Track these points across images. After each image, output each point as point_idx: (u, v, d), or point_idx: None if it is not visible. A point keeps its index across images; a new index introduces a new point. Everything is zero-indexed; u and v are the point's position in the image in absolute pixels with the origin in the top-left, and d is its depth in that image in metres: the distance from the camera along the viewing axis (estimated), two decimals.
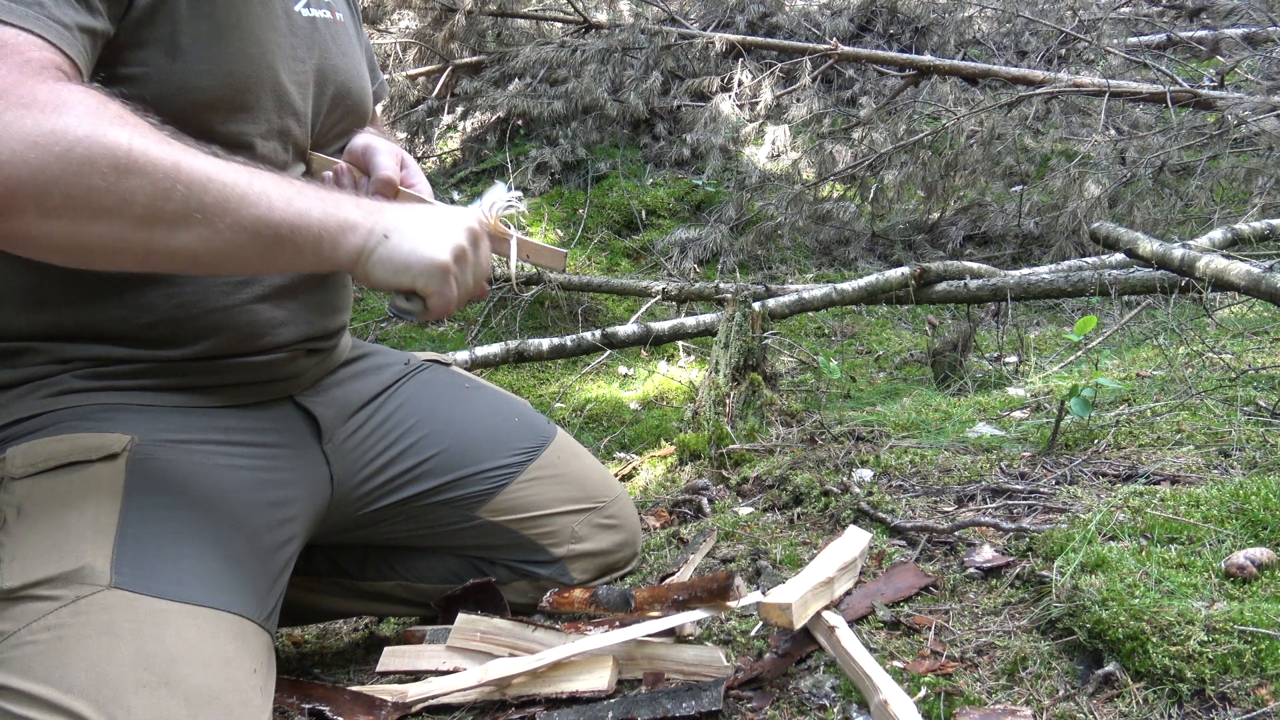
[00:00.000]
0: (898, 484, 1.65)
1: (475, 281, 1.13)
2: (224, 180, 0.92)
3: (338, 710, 1.18)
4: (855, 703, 1.03)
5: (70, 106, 0.86)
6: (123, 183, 0.87)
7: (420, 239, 1.05)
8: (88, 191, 0.86)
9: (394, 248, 1.03)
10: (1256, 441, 1.59)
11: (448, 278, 1.07)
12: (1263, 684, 0.93)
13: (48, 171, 0.84)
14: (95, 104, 0.88)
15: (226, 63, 1.07)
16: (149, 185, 0.88)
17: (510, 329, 4.18)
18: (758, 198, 5.07)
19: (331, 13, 1.26)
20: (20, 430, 1.06)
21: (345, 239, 1.01)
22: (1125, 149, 4.79)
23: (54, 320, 1.10)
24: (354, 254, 1.02)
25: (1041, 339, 3.63)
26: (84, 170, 0.85)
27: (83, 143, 0.85)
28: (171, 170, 0.89)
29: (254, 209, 0.94)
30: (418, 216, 1.07)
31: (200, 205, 0.91)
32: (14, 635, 0.93)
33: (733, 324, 2.17)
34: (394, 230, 1.04)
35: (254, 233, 0.94)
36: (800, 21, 6.02)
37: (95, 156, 0.85)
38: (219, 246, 0.93)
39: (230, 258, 0.96)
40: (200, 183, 0.91)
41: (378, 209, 1.06)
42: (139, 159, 0.87)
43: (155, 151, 0.89)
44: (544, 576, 1.45)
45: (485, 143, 5.87)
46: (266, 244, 0.96)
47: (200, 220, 0.91)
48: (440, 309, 1.09)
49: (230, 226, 0.93)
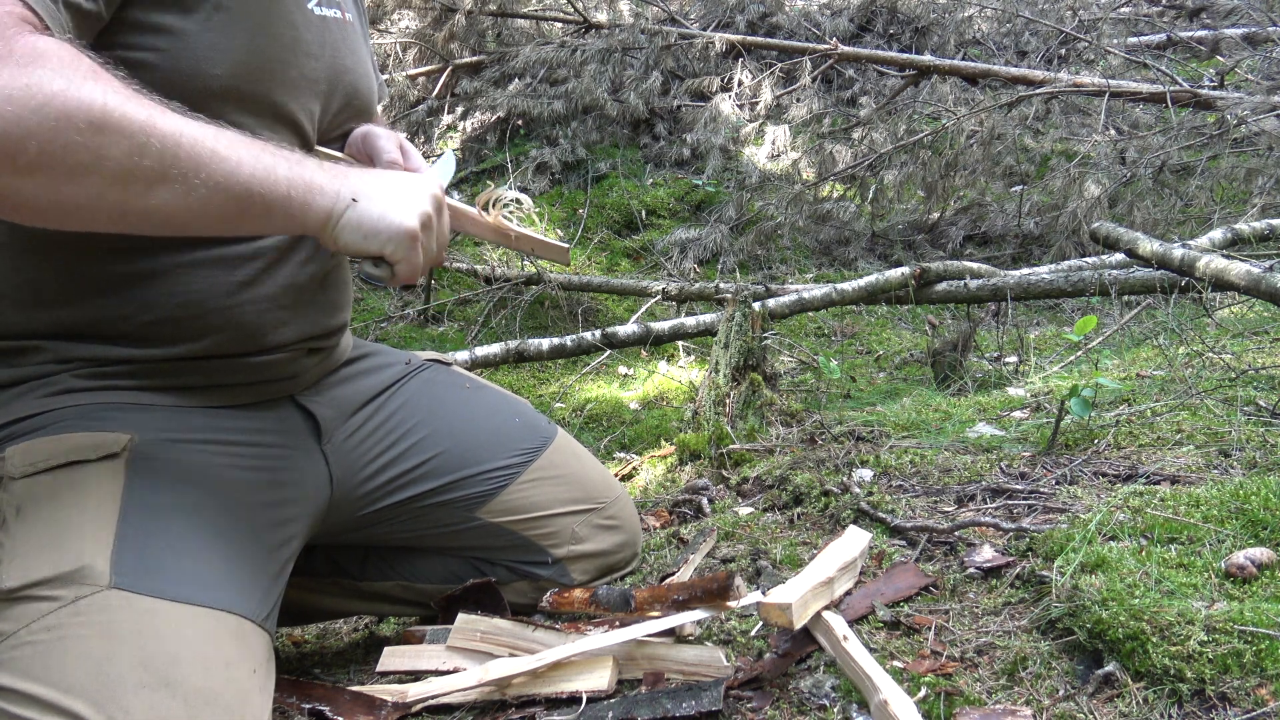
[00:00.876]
0: (898, 484, 1.65)
1: (439, 248, 1.14)
2: (195, 136, 0.92)
3: (338, 710, 1.18)
4: (855, 703, 1.03)
5: (45, 59, 0.84)
6: (98, 139, 0.85)
7: (388, 205, 1.05)
8: (64, 148, 0.84)
9: (362, 212, 1.03)
10: (1256, 441, 1.59)
11: (415, 244, 1.07)
12: (1263, 684, 0.93)
13: (23, 125, 0.82)
14: (69, 57, 0.86)
15: (238, 53, 1.07)
16: (124, 142, 0.86)
17: (510, 329, 4.18)
18: (758, 198, 5.07)
19: (341, 12, 1.27)
20: (20, 430, 1.06)
21: (313, 200, 1.01)
22: (1125, 149, 4.79)
23: (54, 318, 1.10)
24: (322, 216, 1.02)
25: (1041, 339, 3.63)
26: (60, 125, 0.83)
27: (58, 97, 0.83)
28: (146, 126, 0.88)
29: (224, 164, 0.93)
30: (383, 182, 1.08)
31: (175, 161, 0.89)
32: (13, 635, 0.93)
33: (733, 324, 2.17)
34: (361, 195, 1.04)
35: (225, 189, 0.93)
36: (800, 21, 6.02)
37: (70, 111, 0.83)
38: (192, 204, 0.92)
39: (203, 216, 0.95)
40: (173, 138, 0.90)
41: (343, 173, 1.05)
42: (114, 115, 0.86)
43: (129, 107, 0.87)
44: (544, 577, 1.45)
45: (485, 143, 5.87)
46: (238, 201, 0.95)
47: (176, 177, 0.90)
48: (407, 275, 1.09)
49: (204, 183, 0.92)
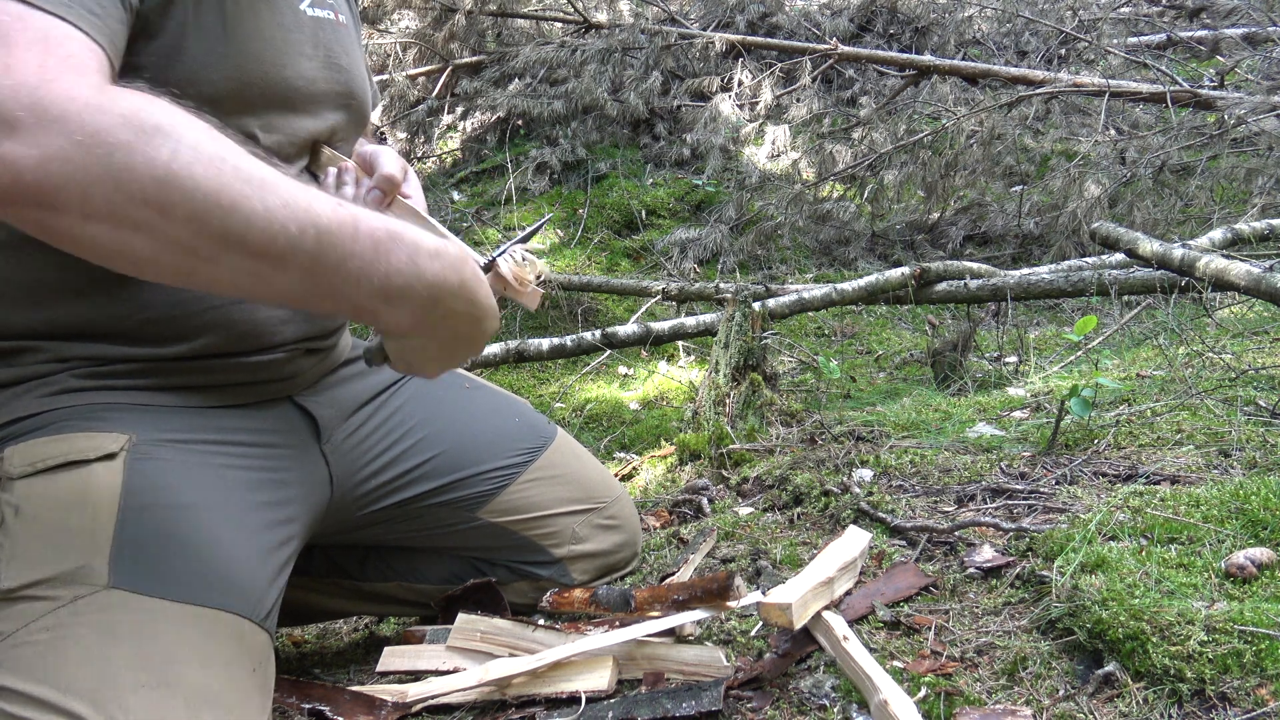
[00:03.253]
0: (898, 484, 1.65)
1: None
2: (296, 217, 0.87)
3: (338, 710, 1.18)
4: (855, 703, 1.03)
5: (112, 109, 0.82)
6: (160, 198, 0.82)
7: (432, 358, 1.08)
8: (126, 201, 0.81)
9: (411, 351, 1.06)
10: (1256, 441, 1.59)
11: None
12: (1263, 684, 0.93)
13: (90, 173, 0.80)
14: (141, 105, 0.84)
15: (233, 59, 1.07)
16: (185, 204, 0.83)
17: (510, 329, 4.18)
18: (758, 198, 5.07)
19: (335, 14, 1.26)
20: (18, 430, 1.06)
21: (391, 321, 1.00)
22: (1125, 149, 4.79)
23: (52, 318, 1.10)
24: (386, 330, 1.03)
25: (1041, 339, 3.63)
26: (124, 178, 0.81)
27: (123, 148, 0.80)
28: (213, 193, 0.83)
29: (323, 253, 0.89)
30: (445, 331, 1.05)
31: (242, 242, 0.85)
32: (12, 635, 0.93)
33: (733, 324, 2.17)
34: (421, 339, 1.04)
35: (308, 279, 0.90)
36: (800, 21, 6.02)
37: (135, 165, 0.81)
38: (313, 290, 0.91)
39: (282, 298, 0.94)
40: (245, 214, 0.85)
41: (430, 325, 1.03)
42: (180, 176, 0.82)
43: (198, 170, 0.83)
44: (544, 577, 1.45)
45: (485, 143, 5.87)
46: (321, 291, 0.92)
47: (246, 255, 0.86)
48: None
49: (300, 267, 0.89)
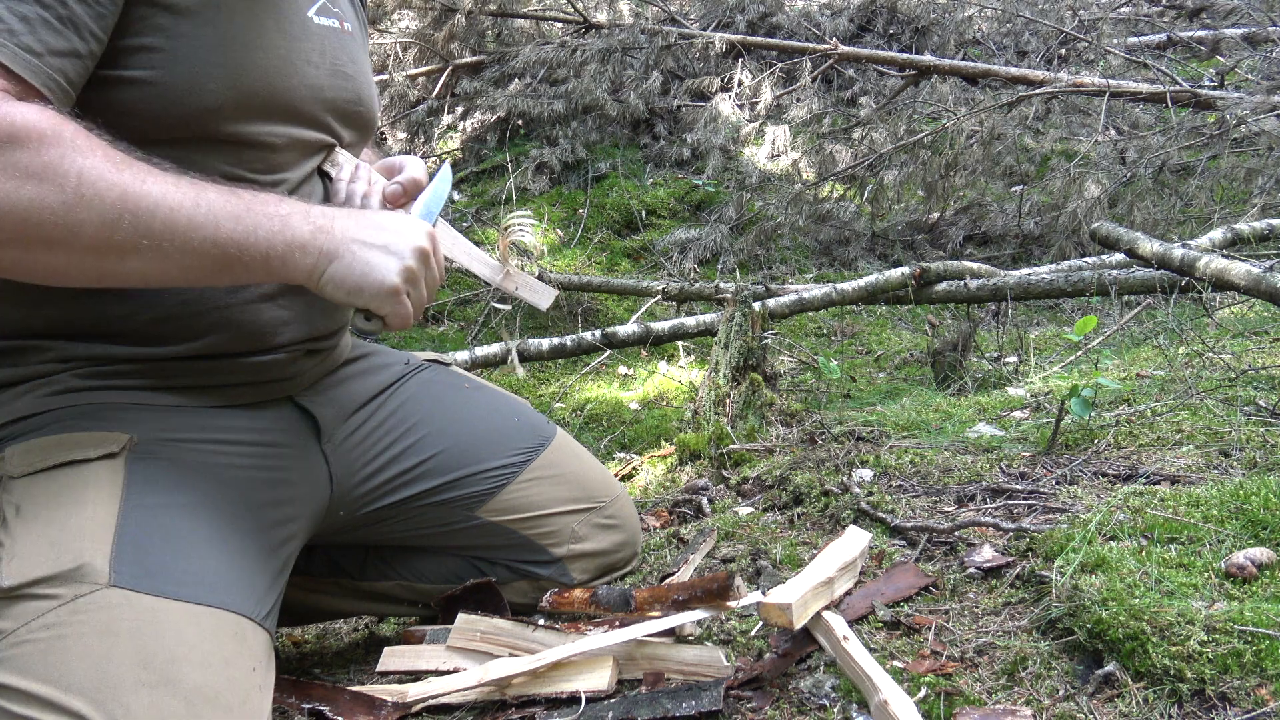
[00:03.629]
0: (898, 484, 1.65)
1: (430, 292, 1.16)
2: (170, 205, 0.95)
3: (338, 710, 1.18)
4: (855, 703, 1.03)
5: (21, 138, 0.88)
6: (70, 216, 0.90)
7: (371, 262, 1.07)
8: (38, 225, 0.89)
9: (345, 270, 1.06)
10: (1256, 441, 1.59)
11: (399, 297, 1.10)
12: (1263, 684, 0.93)
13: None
14: (49, 129, 0.90)
15: (231, 67, 1.07)
16: (96, 217, 0.91)
17: (510, 329, 4.18)
18: (758, 198, 5.07)
19: (341, 22, 1.27)
20: (19, 429, 1.06)
21: (294, 258, 1.04)
22: (1125, 149, 4.79)
23: (54, 318, 1.10)
24: (305, 274, 1.05)
25: (1041, 339, 3.63)
26: (32, 205, 0.88)
27: (34, 177, 0.88)
28: (118, 201, 0.92)
29: (200, 230, 0.97)
30: (368, 234, 1.09)
31: (148, 232, 0.94)
32: (13, 634, 0.93)
33: (733, 324, 2.17)
34: (344, 251, 1.06)
35: (201, 253, 0.98)
36: (800, 21, 6.02)
37: (44, 191, 0.88)
38: (169, 268, 0.97)
39: (181, 277, 1.00)
40: (147, 210, 0.94)
41: (328, 225, 1.07)
42: (86, 192, 0.90)
43: (102, 183, 0.91)
44: (544, 576, 1.45)
45: (485, 143, 5.87)
46: (215, 263, 0.99)
47: (148, 246, 0.94)
48: (398, 324, 1.12)
49: (179, 249, 0.96)
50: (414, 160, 1.32)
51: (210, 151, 1.09)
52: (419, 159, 1.33)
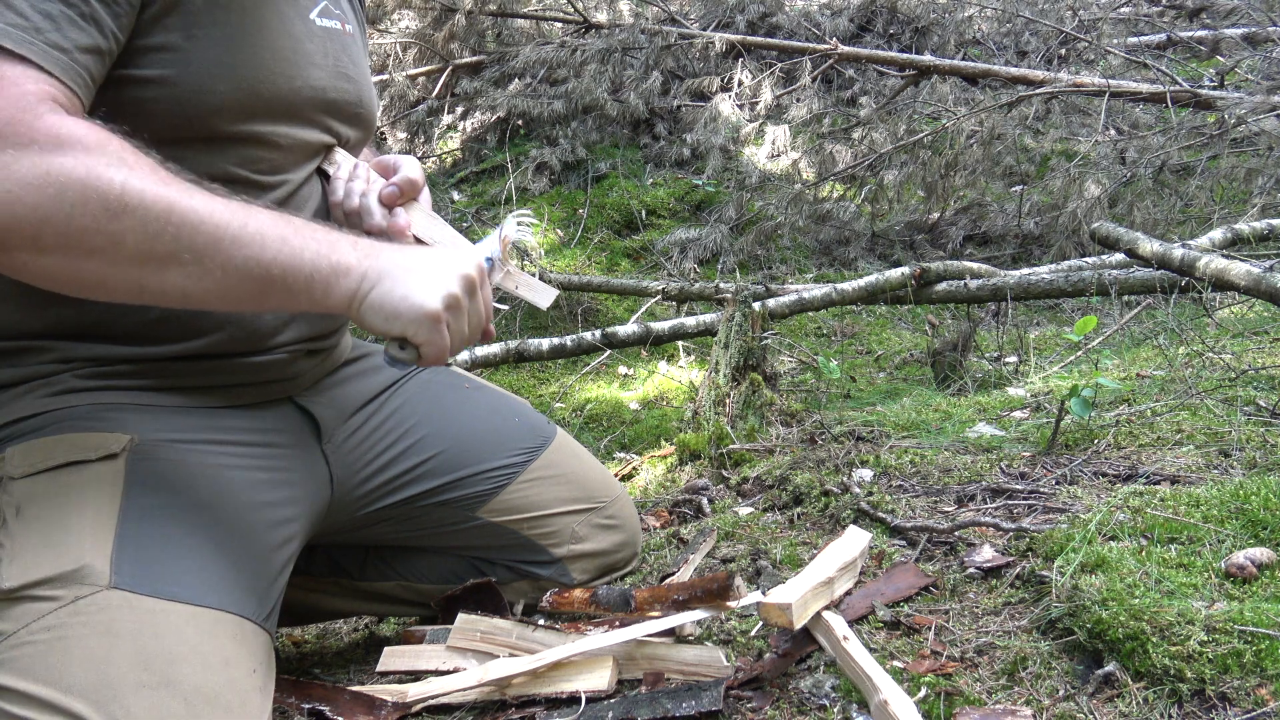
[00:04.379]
0: (898, 484, 1.65)
1: (473, 328, 1.09)
2: (216, 221, 0.94)
3: (338, 710, 1.18)
4: (855, 703, 1.03)
5: (67, 146, 0.88)
6: (113, 224, 0.89)
7: (412, 286, 1.01)
8: (80, 232, 0.88)
9: (386, 294, 1.01)
10: (1256, 441, 1.59)
11: (439, 326, 1.03)
12: (1263, 684, 0.93)
13: (41, 211, 0.87)
14: (93, 142, 0.90)
15: (240, 69, 1.08)
16: (139, 227, 0.90)
17: (510, 329, 4.18)
18: (758, 198, 5.07)
19: (342, 24, 1.27)
20: (20, 430, 1.06)
21: (337, 283, 1.00)
22: (1125, 149, 4.79)
23: (55, 318, 1.10)
24: (346, 298, 1.01)
25: (1041, 339, 3.63)
26: (76, 211, 0.88)
27: (77, 184, 0.87)
28: (164, 212, 0.91)
29: (245, 249, 0.95)
30: (414, 261, 1.04)
31: (191, 246, 0.93)
32: (13, 635, 0.93)
33: (733, 324, 2.17)
34: (385, 276, 1.01)
35: (245, 273, 0.96)
36: (800, 21, 6.02)
37: (88, 198, 0.88)
38: (209, 286, 0.95)
39: (221, 297, 0.97)
40: (192, 224, 0.92)
41: (374, 251, 1.03)
42: (131, 201, 0.90)
43: (148, 194, 0.91)
44: (544, 577, 1.45)
45: (485, 143, 5.87)
46: (258, 284, 0.97)
47: (190, 260, 0.93)
48: (434, 357, 1.05)
49: (221, 266, 0.94)
50: (409, 160, 1.31)
51: (215, 152, 1.09)
52: (414, 159, 1.33)
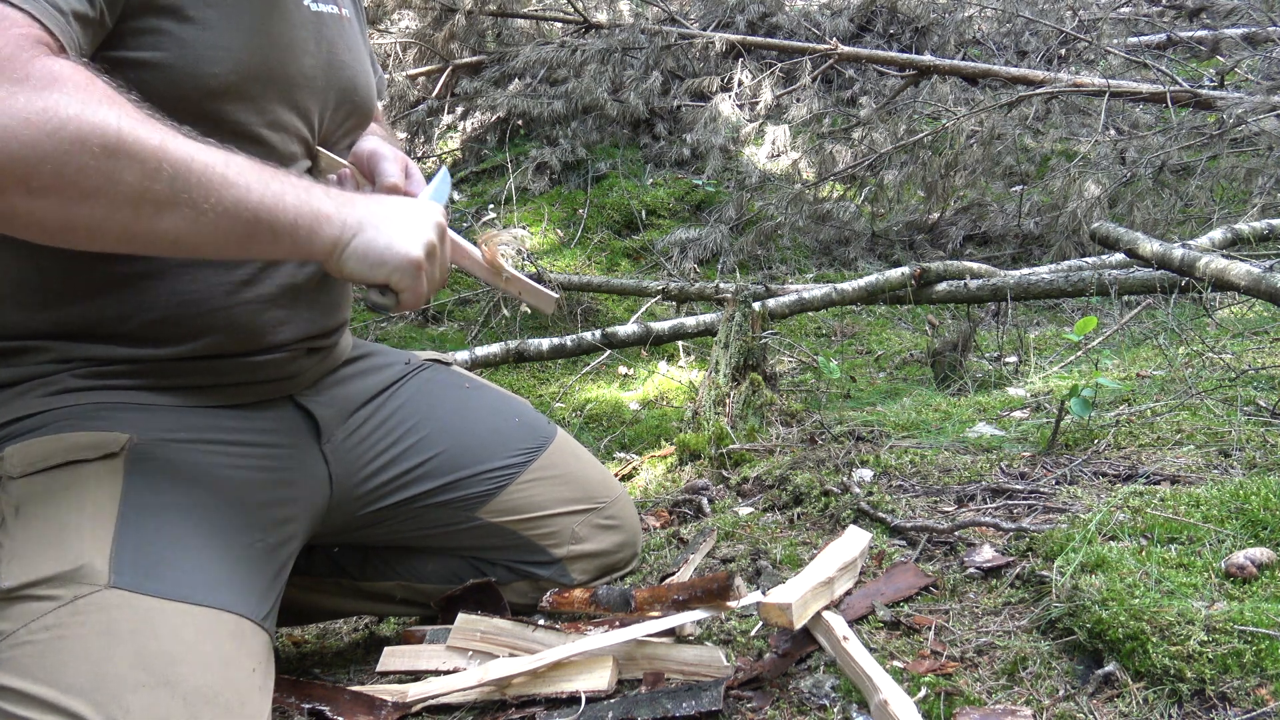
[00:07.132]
0: (898, 484, 1.65)
1: (442, 274, 1.15)
2: (206, 161, 0.93)
3: (338, 710, 1.18)
4: (855, 703, 1.03)
5: (61, 83, 0.85)
6: (111, 163, 0.87)
7: (394, 234, 1.06)
8: (77, 171, 0.85)
9: (369, 242, 1.05)
10: (1256, 441, 1.59)
11: (420, 273, 1.08)
12: (1263, 684, 0.93)
13: (38, 149, 0.83)
14: (84, 80, 0.88)
15: (237, 52, 1.07)
16: (137, 166, 0.88)
17: (510, 329, 4.18)
18: (758, 198, 5.07)
19: (339, 9, 1.27)
20: (18, 429, 1.06)
21: (320, 229, 1.02)
22: (1125, 149, 4.79)
23: (53, 318, 1.10)
24: (329, 244, 1.03)
25: (1041, 339, 3.62)
26: (74, 149, 0.85)
27: (73, 121, 0.84)
28: (158, 151, 0.89)
29: (233, 190, 0.94)
30: (389, 210, 1.09)
31: (186, 186, 0.91)
32: (12, 635, 0.93)
33: (733, 324, 2.17)
34: (367, 224, 1.05)
35: (234, 215, 0.95)
36: (800, 21, 6.02)
37: (85, 135, 0.85)
38: (201, 228, 0.94)
39: (210, 240, 0.96)
40: (185, 163, 0.91)
41: (349, 201, 1.06)
42: (127, 139, 0.87)
43: (142, 131, 0.89)
44: (544, 577, 1.45)
45: (485, 143, 5.87)
46: (246, 226, 0.96)
47: (186, 202, 0.92)
48: (412, 303, 1.10)
49: (213, 208, 0.93)
50: (388, 159, 1.30)
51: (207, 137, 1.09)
52: (389, 151, 1.31)
